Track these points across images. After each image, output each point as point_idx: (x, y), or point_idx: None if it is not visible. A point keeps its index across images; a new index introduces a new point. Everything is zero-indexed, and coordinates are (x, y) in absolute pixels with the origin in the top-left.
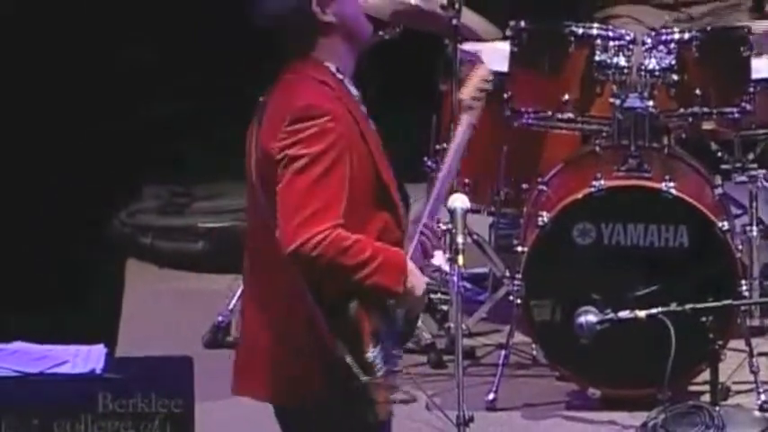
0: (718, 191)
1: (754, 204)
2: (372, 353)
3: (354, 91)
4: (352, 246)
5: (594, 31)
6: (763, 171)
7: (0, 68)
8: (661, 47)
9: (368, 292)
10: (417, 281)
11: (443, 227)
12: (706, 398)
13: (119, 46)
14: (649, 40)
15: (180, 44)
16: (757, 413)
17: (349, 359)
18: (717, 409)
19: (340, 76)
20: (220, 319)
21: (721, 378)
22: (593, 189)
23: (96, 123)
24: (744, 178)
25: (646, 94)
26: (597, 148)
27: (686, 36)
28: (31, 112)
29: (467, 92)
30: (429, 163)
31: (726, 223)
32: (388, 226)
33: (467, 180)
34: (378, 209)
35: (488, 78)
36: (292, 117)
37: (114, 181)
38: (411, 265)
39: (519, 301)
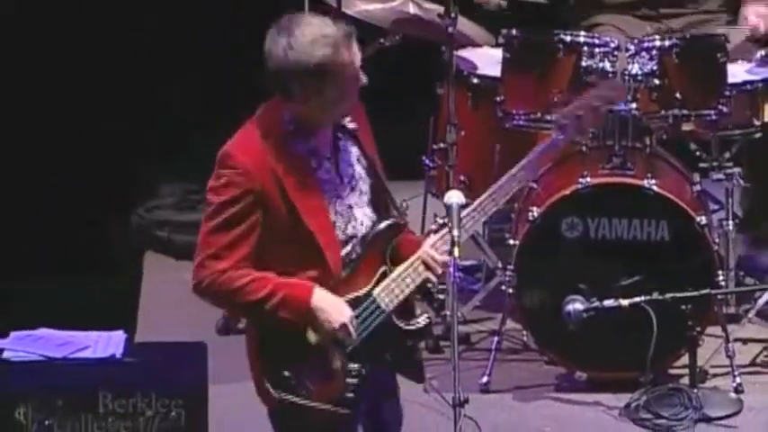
0: (697, 188)
1: (731, 200)
2: (290, 373)
3: (302, 147)
4: (248, 284)
5: (581, 39)
6: (739, 169)
7: (8, 67)
8: (643, 53)
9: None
10: (330, 314)
11: (440, 221)
12: (685, 380)
13: (122, 44)
14: (632, 47)
15: (185, 41)
16: (733, 395)
17: (268, 376)
18: (695, 391)
19: (291, 128)
20: None
21: (699, 362)
22: (579, 186)
23: (106, 121)
24: (720, 176)
25: (629, 98)
26: (584, 148)
27: (667, 43)
28: (44, 108)
29: (565, 109)
30: (427, 161)
31: (704, 218)
32: (315, 277)
33: (462, 177)
34: (305, 261)
35: (610, 98)
36: (218, 158)
37: (130, 176)
38: (322, 301)
39: (511, 290)
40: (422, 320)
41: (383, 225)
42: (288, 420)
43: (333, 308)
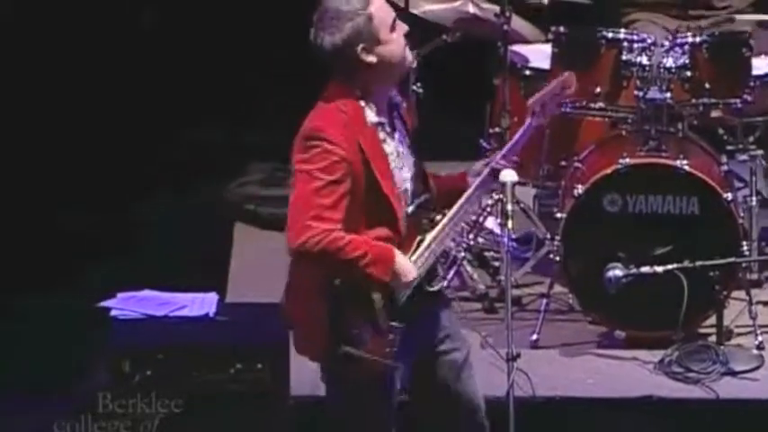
0: (724, 168)
1: (754, 179)
2: (357, 330)
3: (373, 118)
4: (348, 244)
5: (622, 35)
6: (761, 151)
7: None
8: (677, 48)
9: (362, 280)
10: (405, 271)
11: (496, 197)
12: (713, 339)
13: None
14: (667, 43)
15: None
16: (755, 351)
17: (335, 333)
18: (721, 348)
19: (362, 104)
20: None
21: (725, 322)
22: (619, 166)
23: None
24: (745, 157)
25: (664, 88)
26: (623, 132)
27: (698, 40)
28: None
29: (532, 98)
30: (484, 144)
31: (730, 195)
32: (385, 237)
33: (515, 158)
34: (376, 223)
35: (567, 85)
36: (303, 135)
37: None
38: (400, 259)
39: (558, 258)
40: (439, 284)
41: (422, 200)
42: (344, 371)
43: (406, 266)
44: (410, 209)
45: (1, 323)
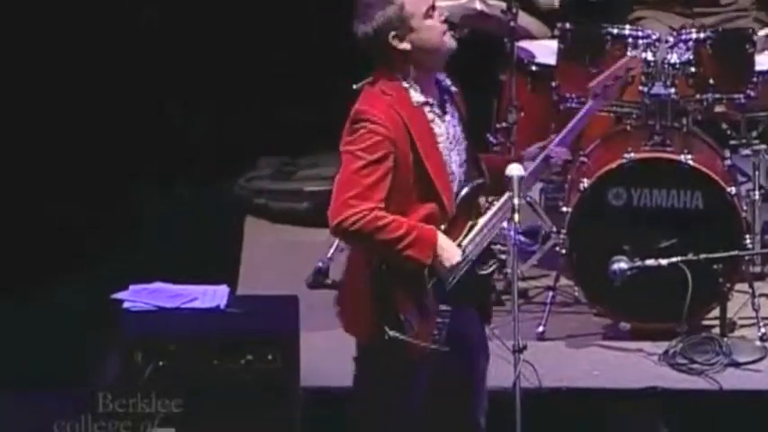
0: (728, 162)
1: (757, 173)
2: (404, 315)
3: (419, 98)
4: (389, 224)
5: (627, 32)
6: (765, 146)
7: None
8: (681, 44)
9: (403, 262)
10: (448, 254)
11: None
12: (716, 330)
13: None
14: (671, 39)
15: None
16: (758, 343)
17: (381, 319)
18: (725, 339)
19: (406, 85)
20: (320, 265)
21: (729, 314)
22: (624, 160)
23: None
24: (748, 152)
25: (668, 83)
26: (628, 127)
27: (702, 36)
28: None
29: (594, 81)
30: (491, 138)
31: (733, 189)
32: (432, 214)
33: (522, 152)
34: (422, 200)
35: (631, 67)
36: (350, 119)
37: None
38: (444, 242)
39: (564, 251)
40: (492, 266)
41: (474, 184)
42: (386, 355)
43: (450, 249)
44: (462, 193)
45: (1, 323)
